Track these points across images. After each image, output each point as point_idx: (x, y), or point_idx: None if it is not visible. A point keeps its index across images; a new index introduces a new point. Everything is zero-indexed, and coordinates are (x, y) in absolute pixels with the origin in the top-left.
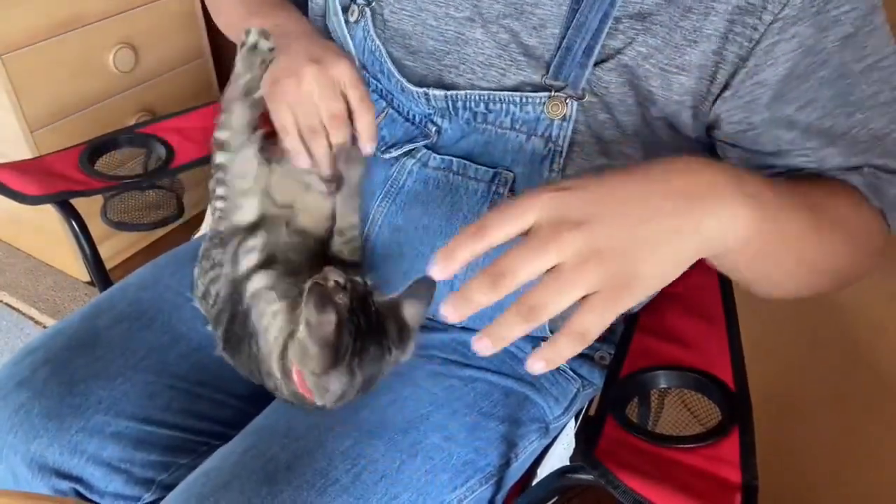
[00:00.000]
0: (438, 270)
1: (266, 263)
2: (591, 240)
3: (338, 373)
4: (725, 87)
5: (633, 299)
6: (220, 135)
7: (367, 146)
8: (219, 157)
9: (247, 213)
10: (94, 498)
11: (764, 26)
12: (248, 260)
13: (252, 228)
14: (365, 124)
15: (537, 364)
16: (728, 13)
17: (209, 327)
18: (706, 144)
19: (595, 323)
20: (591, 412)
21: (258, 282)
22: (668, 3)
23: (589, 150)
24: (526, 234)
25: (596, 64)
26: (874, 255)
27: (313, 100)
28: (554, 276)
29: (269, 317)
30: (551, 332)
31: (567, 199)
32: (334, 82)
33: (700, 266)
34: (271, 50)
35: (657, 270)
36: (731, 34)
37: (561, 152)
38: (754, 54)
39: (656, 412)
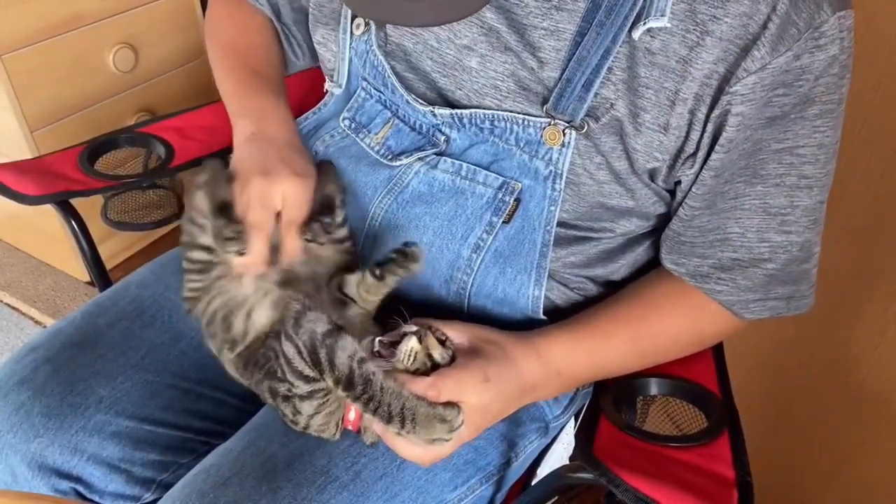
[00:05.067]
0: None
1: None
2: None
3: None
4: (697, 149)
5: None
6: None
7: (285, 260)
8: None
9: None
10: (94, 498)
11: (721, 94)
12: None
13: None
14: (286, 246)
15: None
16: (702, 77)
17: (210, 345)
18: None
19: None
20: (588, 412)
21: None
22: (653, 65)
23: (587, 191)
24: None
25: (593, 117)
26: (722, 333)
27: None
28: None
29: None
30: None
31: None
32: (273, 196)
33: None
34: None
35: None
36: (703, 95)
37: (561, 174)
38: (710, 120)
39: (641, 419)
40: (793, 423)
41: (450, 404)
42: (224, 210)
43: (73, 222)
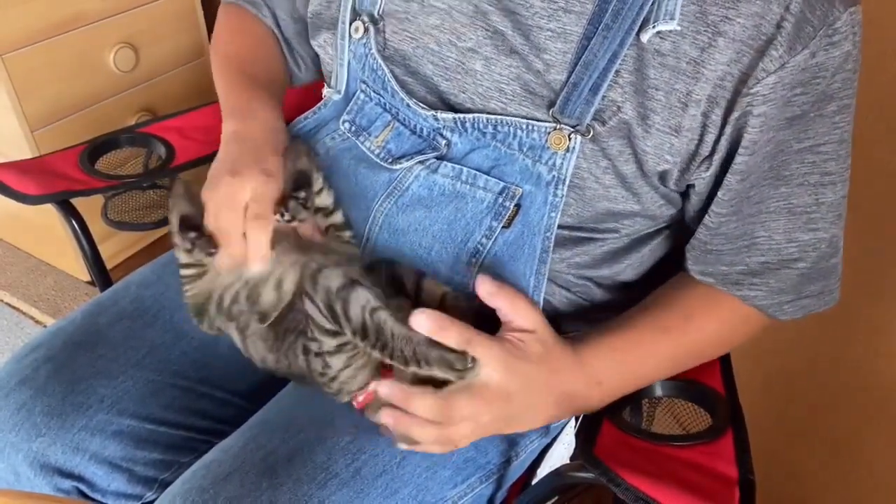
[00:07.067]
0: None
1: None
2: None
3: None
4: (713, 151)
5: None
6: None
7: (253, 265)
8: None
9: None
10: (97, 497)
11: (739, 97)
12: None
13: None
14: (252, 242)
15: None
16: (715, 78)
17: (231, 330)
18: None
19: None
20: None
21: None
22: (663, 67)
23: (591, 195)
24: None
25: (600, 121)
26: (754, 333)
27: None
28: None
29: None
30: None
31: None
32: (241, 196)
33: None
34: None
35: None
36: (717, 98)
37: (564, 180)
38: (729, 122)
39: (647, 422)
40: (794, 422)
41: (460, 353)
42: (186, 222)
43: (73, 222)
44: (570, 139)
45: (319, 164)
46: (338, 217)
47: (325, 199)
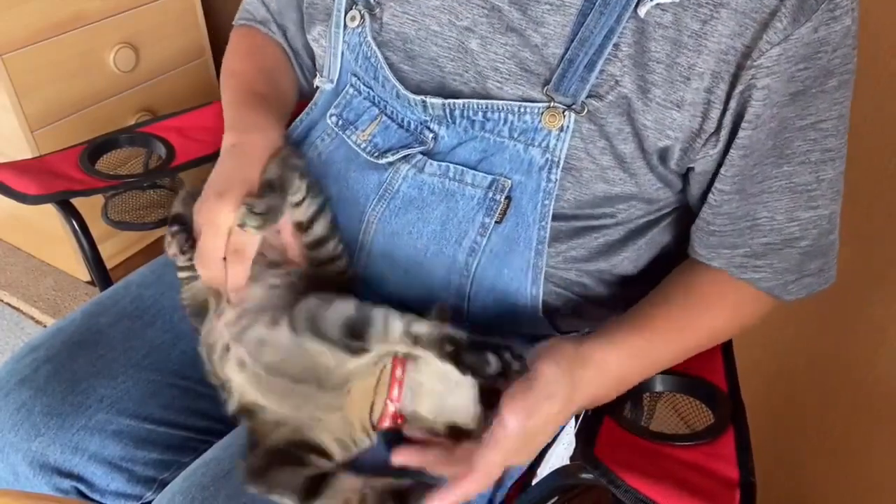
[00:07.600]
0: None
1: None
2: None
3: None
4: (719, 127)
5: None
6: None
7: (231, 294)
8: None
9: None
10: (96, 497)
11: (742, 70)
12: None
13: None
14: (228, 275)
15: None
16: (718, 52)
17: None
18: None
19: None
20: (591, 411)
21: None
22: (665, 40)
23: (588, 176)
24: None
25: (596, 96)
26: (761, 315)
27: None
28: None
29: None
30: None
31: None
32: (221, 220)
33: None
34: None
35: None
36: (721, 73)
37: (558, 163)
38: (733, 97)
39: (648, 416)
40: (793, 423)
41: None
42: (177, 219)
43: (73, 222)
44: (564, 116)
45: (304, 170)
46: (318, 230)
47: (302, 213)
